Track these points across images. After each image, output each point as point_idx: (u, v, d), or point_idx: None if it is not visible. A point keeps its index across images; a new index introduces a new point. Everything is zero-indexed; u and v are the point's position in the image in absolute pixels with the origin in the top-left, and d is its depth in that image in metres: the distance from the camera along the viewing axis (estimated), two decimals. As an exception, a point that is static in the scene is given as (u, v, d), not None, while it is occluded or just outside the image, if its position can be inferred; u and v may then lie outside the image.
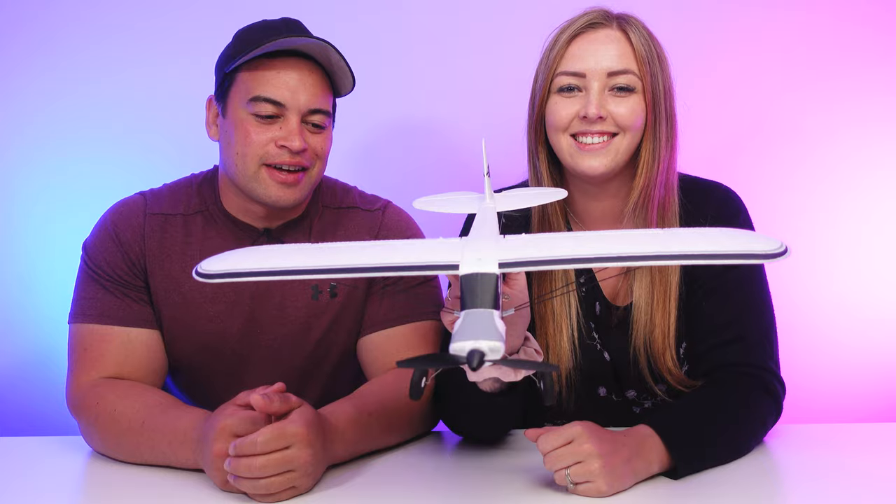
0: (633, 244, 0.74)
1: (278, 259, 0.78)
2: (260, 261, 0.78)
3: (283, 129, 1.16)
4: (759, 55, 1.76)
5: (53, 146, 1.77)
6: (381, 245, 0.83)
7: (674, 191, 1.18)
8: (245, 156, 1.17)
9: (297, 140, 1.15)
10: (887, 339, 1.79)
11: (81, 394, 1.15)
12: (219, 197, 1.26)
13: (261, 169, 1.17)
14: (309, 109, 1.17)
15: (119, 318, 1.19)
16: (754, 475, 1.03)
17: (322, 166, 1.23)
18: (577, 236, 0.84)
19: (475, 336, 0.66)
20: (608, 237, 0.78)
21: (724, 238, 0.76)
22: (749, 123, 1.78)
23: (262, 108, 1.16)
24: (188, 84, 1.71)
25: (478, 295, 0.70)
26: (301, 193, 1.20)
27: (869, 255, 1.78)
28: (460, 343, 0.66)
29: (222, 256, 0.80)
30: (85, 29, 1.75)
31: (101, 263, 1.22)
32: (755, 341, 1.15)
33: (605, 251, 0.73)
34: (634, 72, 1.12)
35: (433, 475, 1.05)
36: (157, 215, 1.25)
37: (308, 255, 0.79)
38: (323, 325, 1.27)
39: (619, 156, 1.13)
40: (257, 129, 1.16)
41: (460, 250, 0.75)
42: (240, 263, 0.77)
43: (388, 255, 0.77)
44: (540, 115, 1.18)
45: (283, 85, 1.16)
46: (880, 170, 1.77)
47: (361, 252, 0.79)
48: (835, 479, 1.00)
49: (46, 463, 1.11)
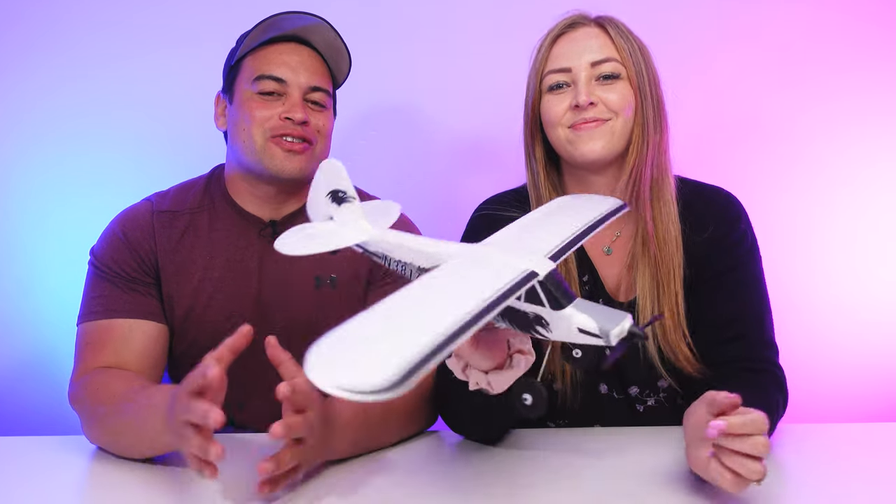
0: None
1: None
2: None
3: (287, 103, 1.24)
4: (754, 53, 1.76)
5: (51, 141, 1.77)
6: (435, 279, 0.73)
7: (667, 173, 1.20)
8: (252, 131, 1.24)
9: (300, 112, 1.23)
10: (886, 339, 1.79)
11: (80, 384, 1.17)
12: (226, 190, 1.32)
13: (268, 142, 1.24)
14: (310, 86, 1.26)
15: (124, 311, 1.22)
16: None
17: (325, 144, 1.30)
18: (523, 224, 0.91)
19: (618, 318, 0.74)
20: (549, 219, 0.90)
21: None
22: (744, 122, 1.78)
23: (265, 85, 1.24)
24: (188, 78, 1.72)
25: (566, 287, 0.75)
26: (307, 164, 1.25)
27: (867, 254, 1.78)
28: (619, 326, 0.73)
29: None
30: (84, 22, 1.75)
31: (109, 262, 1.25)
32: (759, 336, 1.18)
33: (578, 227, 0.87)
34: (616, 58, 1.18)
35: (433, 475, 1.06)
36: (165, 212, 1.29)
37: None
38: (327, 315, 1.29)
39: (615, 138, 1.17)
40: (262, 106, 1.24)
41: (497, 263, 0.74)
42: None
43: (469, 301, 0.66)
44: (534, 117, 1.23)
45: (283, 63, 1.25)
46: (877, 167, 1.77)
47: (458, 303, 0.66)
48: (834, 479, 1.01)
49: (46, 463, 1.11)
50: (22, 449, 1.18)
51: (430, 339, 0.60)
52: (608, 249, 1.25)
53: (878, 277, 1.79)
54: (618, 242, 1.25)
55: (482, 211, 1.30)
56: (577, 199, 1.02)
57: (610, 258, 1.25)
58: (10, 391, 1.79)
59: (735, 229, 1.21)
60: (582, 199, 1.02)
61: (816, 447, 1.13)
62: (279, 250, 0.88)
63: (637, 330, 0.74)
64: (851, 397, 1.80)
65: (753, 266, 1.21)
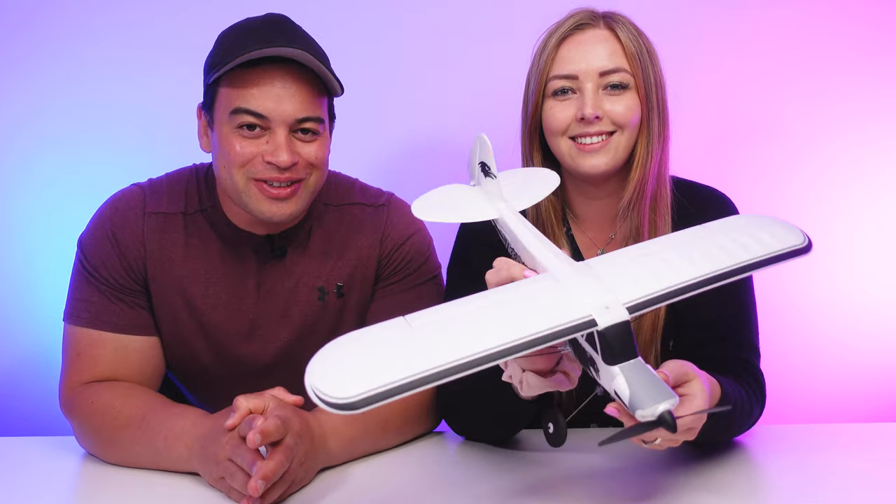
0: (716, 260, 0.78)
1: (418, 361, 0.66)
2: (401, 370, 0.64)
3: (271, 142, 1.09)
4: (755, 55, 1.75)
5: (54, 146, 1.77)
6: (480, 306, 0.74)
7: (666, 184, 1.18)
8: (231, 172, 1.11)
9: (286, 154, 1.08)
10: (885, 338, 1.79)
11: (74, 394, 1.14)
12: (218, 202, 1.22)
13: (249, 183, 1.11)
14: (296, 119, 1.09)
15: (113, 325, 1.17)
16: (753, 475, 1.03)
17: (320, 175, 1.16)
18: (650, 253, 0.82)
19: (657, 398, 0.69)
20: (687, 253, 0.80)
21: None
22: (747, 123, 1.77)
23: (244, 119, 1.08)
24: (191, 85, 1.71)
25: (626, 344, 0.71)
26: (297, 206, 1.14)
27: (868, 255, 1.78)
28: (650, 408, 0.69)
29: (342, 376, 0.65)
30: (88, 29, 1.75)
31: (98, 265, 1.18)
32: (742, 339, 1.17)
33: (713, 270, 0.77)
34: (626, 69, 1.13)
35: (433, 475, 1.05)
36: (157, 215, 1.20)
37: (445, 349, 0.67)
38: (335, 327, 1.26)
39: (619, 153, 1.14)
40: (242, 143, 1.09)
41: (568, 297, 0.73)
42: (376, 381, 0.63)
43: (516, 330, 0.69)
44: (535, 121, 1.18)
45: (265, 96, 1.07)
46: (882, 169, 1.77)
47: (489, 333, 0.69)
48: (833, 479, 1.00)
49: (46, 463, 1.11)
50: (22, 449, 1.18)
51: (412, 373, 0.64)
52: (602, 252, 1.24)
53: (879, 277, 1.78)
54: (612, 245, 1.23)
55: None
56: (759, 224, 0.86)
57: None
58: (10, 391, 1.79)
59: None
60: (766, 224, 0.86)
61: (816, 447, 1.13)
62: (413, 210, 0.94)
63: (669, 418, 0.69)
64: (851, 397, 1.80)
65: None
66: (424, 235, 1.30)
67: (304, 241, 1.24)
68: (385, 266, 1.27)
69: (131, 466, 1.08)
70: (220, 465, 0.96)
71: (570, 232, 1.24)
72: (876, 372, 1.79)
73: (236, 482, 0.94)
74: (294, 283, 1.23)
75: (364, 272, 1.26)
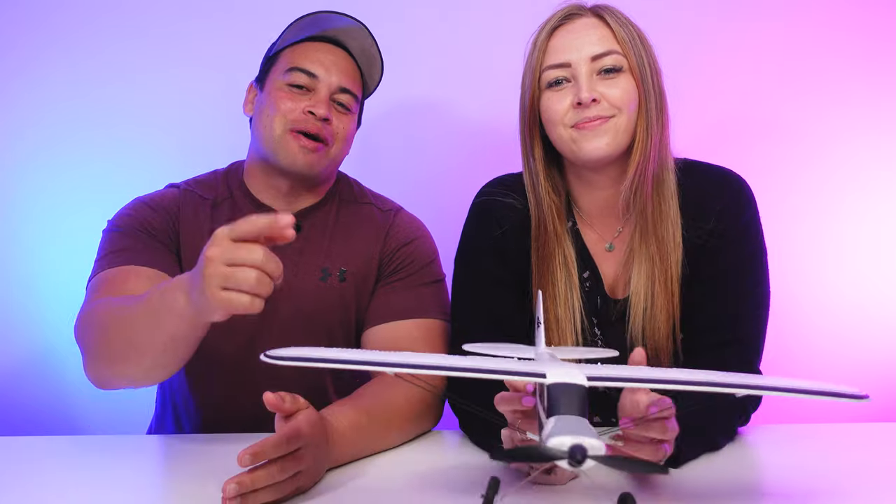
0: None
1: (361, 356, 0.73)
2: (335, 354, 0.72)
3: (313, 99, 1.26)
4: (764, 52, 1.76)
5: (56, 148, 1.78)
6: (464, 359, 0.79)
7: (669, 169, 1.18)
8: (274, 120, 1.25)
9: (324, 108, 1.25)
10: (886, 339, 1.79)
11: (83, 313, 1.12)
12: (243, 181, 1.34)
13: (286, 133, 1.25)
14: (339, 87, 1.28)
15: (141, 260, 1.18)
16: (753, 475, 1.03)
17: (342, 148, 1.30)
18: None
19: (574, 432, 0.63)
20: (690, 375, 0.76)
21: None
22: (753, 121, 1.78)
23: (296, 77, 1.27)
24: (195, 88, 1.72)
25: (571, 404, 0.68)
26: (320, 163, 1.27)
27: (870, 255, 1.78)
28: (560, 438, 0.62)
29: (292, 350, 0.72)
30: (90, 33, 1.76)
31: (132, 222, 1.24)
32: (751, 344, 1.17)
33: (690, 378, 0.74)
34: (618, 51, 1.14)
35: (433, 475, 1.06)
36: (194, 193, 1.31)
37: (388, 357, 0.73)
38: (334, 311, 1.29)
39: (620, 135, 1.14)
40: (289, 97, 1.26)
41: (544, 365, 0.74)
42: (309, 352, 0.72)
43: (475, 362, 0.74)
44: (533, 115, 1.18)
45: (318, 60, 1.28)
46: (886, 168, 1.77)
47: (447, 360, 0.75)
48: (833, 479, 1.00)
49: (46, 463, 1.11)
50: (22, 449, 1.18)
51: (347, 356, 0.71)
52: (610, 246, 1.24)
53: (878, 277, 1.79)
54: (619, 238, 1.23)
55: (482, 197, 1.27)
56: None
57: (611, 255, 1.24)
58: (10, 391, 1.79)
59: (738, 223, 1.17)
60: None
61: (816, 447, 1.13)
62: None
63: (577, 454, 0.61)
64: (852, 396, 1.80)
65: (755, 266, 1.18)
66: (429, 242, 1.36)
67: (317, 222, 1.32)
68: (387, 263, 1.32)
69: (137, 360, 1.02)
70: (216, 267, 0.86)
71: (575, 227, 1.24)
72: (876, 372, 1.79)
73: (246, 280, 0.86)
74: (300, 258, 1.28)
75: (369, 264, 1.31)
